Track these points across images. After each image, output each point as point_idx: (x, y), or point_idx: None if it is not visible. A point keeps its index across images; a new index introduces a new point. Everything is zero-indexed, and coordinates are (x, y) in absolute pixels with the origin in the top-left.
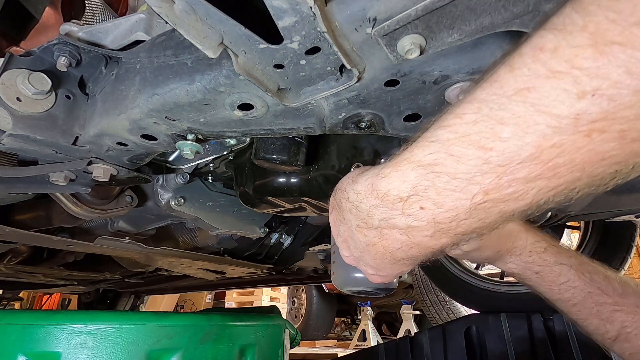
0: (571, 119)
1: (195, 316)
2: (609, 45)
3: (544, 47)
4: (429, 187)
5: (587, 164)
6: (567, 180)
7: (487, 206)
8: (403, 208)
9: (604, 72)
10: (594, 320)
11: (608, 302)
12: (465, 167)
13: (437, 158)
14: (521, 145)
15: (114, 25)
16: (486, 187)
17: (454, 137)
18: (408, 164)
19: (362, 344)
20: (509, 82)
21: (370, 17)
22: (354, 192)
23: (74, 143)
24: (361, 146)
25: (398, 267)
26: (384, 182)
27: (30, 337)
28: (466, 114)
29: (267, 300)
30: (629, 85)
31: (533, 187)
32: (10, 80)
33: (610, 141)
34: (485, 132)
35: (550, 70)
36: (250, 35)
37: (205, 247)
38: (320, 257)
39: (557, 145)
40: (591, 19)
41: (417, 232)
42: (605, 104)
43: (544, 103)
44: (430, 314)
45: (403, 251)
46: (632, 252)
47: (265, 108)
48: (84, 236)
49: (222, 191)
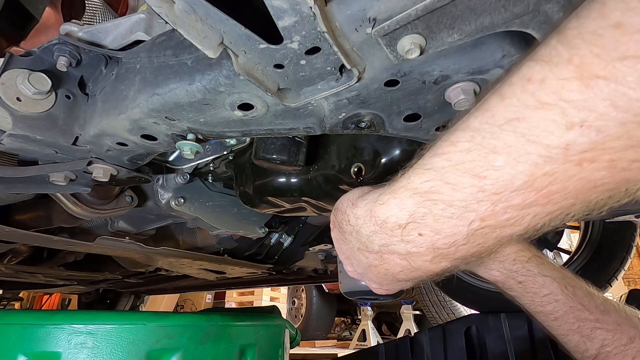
0: (561, 149)
1: (195, 316)
2: (594, 79)
3: (531, 78)
4: (426, 215)
5: (580, 191)
6: (561, 206)
7: (485, 232)
8: (402, 235)
9: (590, 104)
10: (574, 337)
11: (590, 318)
12: (461, 195)
13: (433, 186)
14: (514, 174)
15: (114, 25)
16: (482, 214)
17: (449, 165)
18: (405, 192)
19: (362, 344)
20: (499, 112)
21: (370, 17)
22: (354, 216)
23: (74, 143)
24: (361, 146)
25: (401, 285)
26: (382, 209)
27: (30, 337)
28: (460, 141)
29: (267, 300)
30: (615, 117)
31: (528, 212)
32: (10, 80)
33: (601, 170)
34: (479, 161)
35: (538, 101)
36: (250, 35)
37: (205, 247)
38: (320, 257)
39: (549, 173)
40: (576, 52)
41: (417, 258)
42: (594, 135)
43: (534, 133)
44: (430, 314)
45: (404, 274)
46: (632, 252)
47: (265, 108)
48: (84, 236)
49: (222, 191)
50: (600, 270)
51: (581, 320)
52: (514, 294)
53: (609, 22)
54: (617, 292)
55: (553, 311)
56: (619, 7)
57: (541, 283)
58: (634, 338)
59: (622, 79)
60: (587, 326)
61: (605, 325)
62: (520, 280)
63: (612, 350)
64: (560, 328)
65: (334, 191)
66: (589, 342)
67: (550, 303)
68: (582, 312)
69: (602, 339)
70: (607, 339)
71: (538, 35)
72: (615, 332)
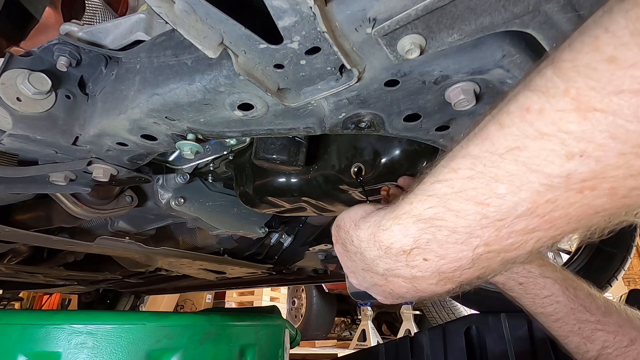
0: (562, 177)
1: (195, 316)
2: (591, 111)
3: (530, 108)
4: (430, 240)
5: (582, 217)
6: (564, 230)
7: (489, 256)
8: (407, 260)
9: (589, 136)
10: (575, 338)
11: (590, 320)
12: (465, 222)
13: (436, 212)
14: (517, 201)
15: (114, 25)
16: (487, 240)
17: (451, 192)
18: (409, 218)
19: (362, 344)
20: (499, 141)
21: (370, 17)
22: (358, 239)
23: (74, 143)
24: (361, 146)
25: (406, 300)
26: (386, 235)
27: (30, 337)
28: (461, 169)
29: (267, 300)
30: (614, 148)
31: (532, 237)
32: (10, 80)
33: (602, 197)
34: (481, 189)
35: (537, 131)
36: (250, 35)
37: (205, 247)
38: (320, 257)
39: (551, 200)
40: (572, 85)
41: (422, 281)
42: (593, 164)
43: (535, 162)
44: (430, 314)
45: (410, 295)
46: (632, 252)
47: (265, 108)
48: (84, 236)
49: (222, 191)
50: (600, 270)
51: (582, 322)
52: (514, 295)
53: (602, 56)
54: (617, 292)
55: (554, 312)
56: (612, 42)
57: (542, 285)
58: (635, 340)
59: (619, 112)
60: (588, 327)
61: (607, 327)
62: (521, 282)
63: (613, 352)
64: (561, 329)
65: (334, 191)
66: (589, 344)
67: (552, 304)
68: (584, 313)
69: (603, 341)
70: (608, 341)
71: (538, 35)
72: (617, 334)
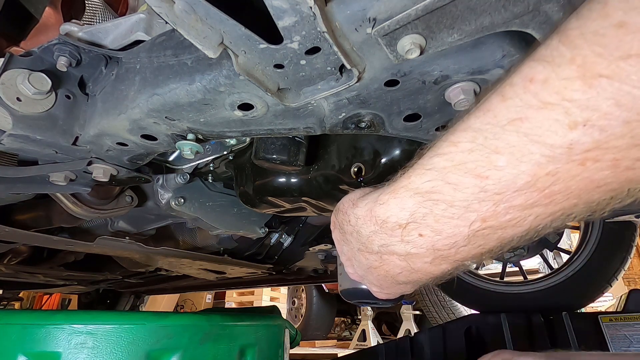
0: (564, 148)
1: (195, 316)
2: (596, 78)
3: (534, 78)
4: (427, 215)
5: (583, 191)
6: (563, 206)
7: (486, 233)
8: (402, 235)
9: (593, 103)
10: None
11: None
12: (463, 195)
13: (434, 186)
14: (517, 174)
15: (114, 25)
16: (484, 215)
17: (450, 165)
18: (406, 191)
19: (362, 344)
20: (502, 112)
21: (370, 17)
22: (355, 217)
23: (74, 143)
24: (361, 146)
25: (401, 289)
26: (383, 209)
27: (30, 337)
28: (461, 142)
29: (267, 300)
30: (619, 116)
31: (530, 213)
32: (10, 80)
33: (605, 169)
34: (481, 161)
35: (541, 101)
36: (250, 35)
37: (205, 247)
38: (320, 257)
39: (552, 173)
40: (578, 52)
41: (416, 259)
42: (597, 134)
43: (537, 133)
44: (430, 314)
45: (404, 276)
46: (632, 252)
47: (265, 108)
48: (84, 236)
49: (222, 191)
50: (600, 270)
51: None
52: None
53: (611, 21)
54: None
55: None
56: (622, 7)
57: None
58: None
59: (626, 78)
60: None
61: None
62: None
63: None
64: None
65: (334, 191)
66: None
67: None
68: None
69: None
70: None
71: (538, 35)
72: None
